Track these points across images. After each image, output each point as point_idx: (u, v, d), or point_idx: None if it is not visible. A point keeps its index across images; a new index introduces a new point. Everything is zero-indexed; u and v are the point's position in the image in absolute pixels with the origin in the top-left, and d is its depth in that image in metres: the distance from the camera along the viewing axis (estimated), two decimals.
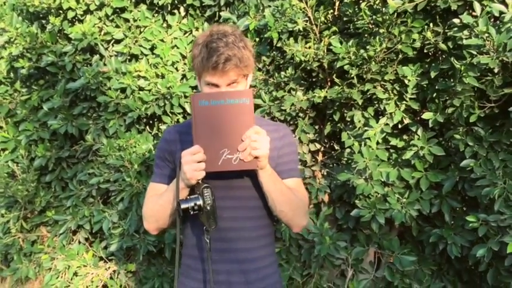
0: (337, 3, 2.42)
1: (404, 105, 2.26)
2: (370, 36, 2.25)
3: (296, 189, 1.48)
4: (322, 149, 2.70)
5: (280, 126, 1.58)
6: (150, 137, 2.91)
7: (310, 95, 2.44)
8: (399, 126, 2.34)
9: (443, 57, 2.22)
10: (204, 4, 2.88)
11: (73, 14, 2.98)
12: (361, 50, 2.21)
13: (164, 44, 2.91)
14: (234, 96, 1.30)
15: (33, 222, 3.35)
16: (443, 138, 2.34)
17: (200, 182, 1.32)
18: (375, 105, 2.38)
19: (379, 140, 2.35)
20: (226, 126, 1.31)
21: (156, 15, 3.04)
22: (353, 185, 2.34)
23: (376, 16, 2.15)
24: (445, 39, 2.11)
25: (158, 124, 2.98)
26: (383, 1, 2.14)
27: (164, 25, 3.02)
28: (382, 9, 2.12)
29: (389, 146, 2.37)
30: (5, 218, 3.29)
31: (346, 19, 2.36)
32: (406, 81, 2.21)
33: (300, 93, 2.50)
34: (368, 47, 2.19)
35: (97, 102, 2.95)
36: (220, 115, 1.30)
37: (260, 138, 1.29)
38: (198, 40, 1.39)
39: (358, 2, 2.27)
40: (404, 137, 2.36)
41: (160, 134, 2.92)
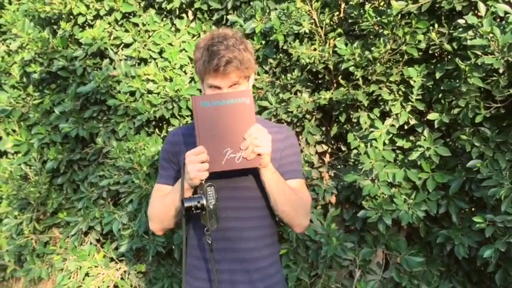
0: (342, 5, 2.43)
1: (410, 106, 2.26)
2: (375, 37, 2.26)
3: (298, 190, 1.49)
4: (329, 150, 2.70)
5: (282, 128, 1.59)
6: (159, 139, 2.94)
7: (316, 97, 2.45)
8: (405, 127, 2.34)
9: (448, 57, 2.22)
10: (211, 8, 2.91)
11: (83, 20, 3.02)
12: (366, 52, 2.22)
13: (172, 48, 2.93)
14: (233, 96, 1.33)
15: (45, 223, 3.39)
16: (449, 139, 2.34)
17: (203, 182, 1.34)
18: (380, 106, 2.38)
19: (385, 141, 2.34)
20: (228, 126, 1.33)
21: (164, 20, 3.08)
22: (360, 186, 2.35)
23: (380, 18, 2.15)
24: (450, 40, 2.10)
25: (167, 127, 3.01)
26: (387, 3, 2.15)
27: (172, 29, 3.06)
28: (387, 11, 2.13)
29: (396, 147, 2.37)
30: (18, 220, 3.33)
31: (351, 21, 2.36)
32: (411, 82, 2.20)
33: (306, 95, 2.51)
34: (373, 48, 2.19)
35: (107, 105, 2.99)
36: (221, 115, 1.33)
37: (262, 136, 1.31)
38: (199, 44, 1.42)
39: (363, 3, 2.28)
40: (411, 137, 2.36)
41: None
